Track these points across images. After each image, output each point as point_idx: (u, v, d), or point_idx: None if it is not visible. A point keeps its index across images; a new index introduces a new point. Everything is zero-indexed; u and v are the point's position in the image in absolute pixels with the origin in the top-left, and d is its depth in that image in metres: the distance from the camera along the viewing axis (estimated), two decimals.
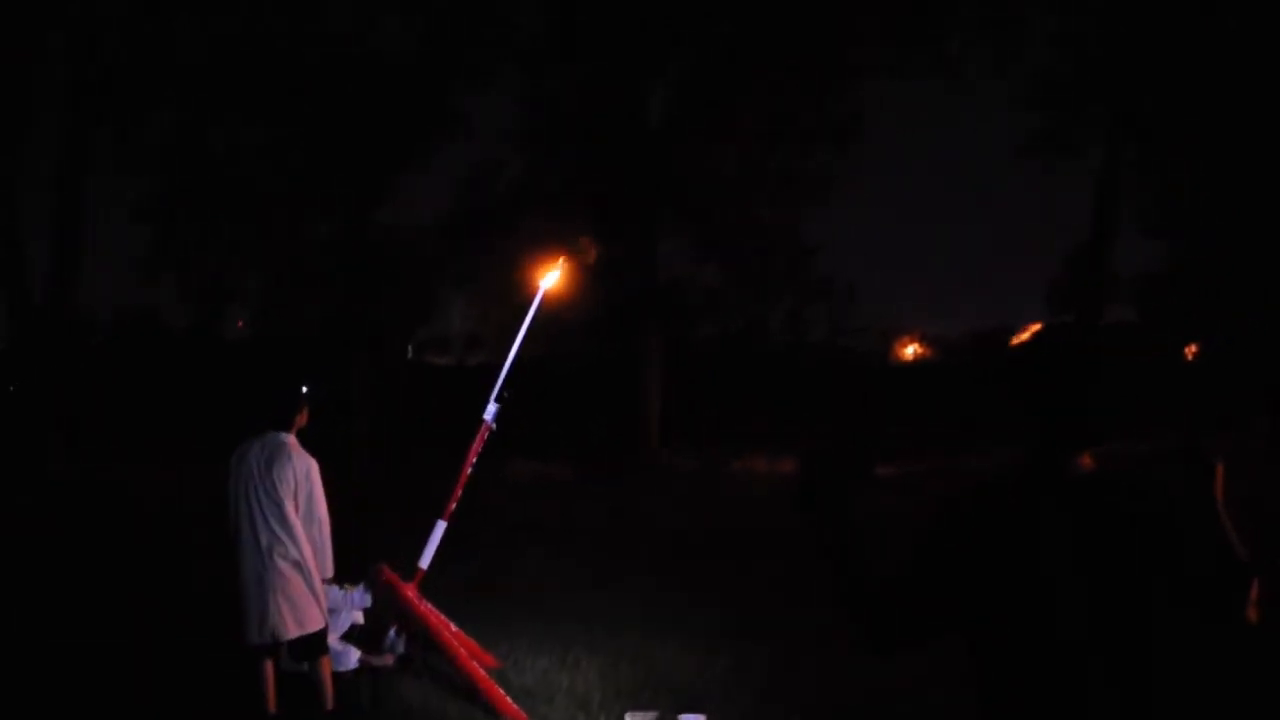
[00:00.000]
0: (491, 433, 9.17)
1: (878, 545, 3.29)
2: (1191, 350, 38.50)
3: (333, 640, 8.55)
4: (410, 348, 43.36)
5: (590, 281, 24.34)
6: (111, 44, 26.46)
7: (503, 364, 9.35)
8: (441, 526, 9.12)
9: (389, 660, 9.23)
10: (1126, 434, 3.16)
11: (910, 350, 60.00)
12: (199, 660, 9.33)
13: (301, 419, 8.08)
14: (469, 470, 9.14)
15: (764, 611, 11.10)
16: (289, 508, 7.76)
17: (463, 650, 8.89)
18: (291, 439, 7.96)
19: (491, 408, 9.12)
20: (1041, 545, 2.99)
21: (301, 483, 7.83)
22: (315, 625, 7.93)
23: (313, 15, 26.43)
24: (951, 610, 3.07)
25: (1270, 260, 29.91)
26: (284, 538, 7.75)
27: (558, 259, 9.98)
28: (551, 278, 9.76)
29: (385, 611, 9.23)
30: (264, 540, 7.74)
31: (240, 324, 37.05)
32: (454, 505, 9.14)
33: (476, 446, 9.11)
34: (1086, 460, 3.07)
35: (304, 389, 8.17)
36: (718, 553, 14.98)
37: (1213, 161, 29.08)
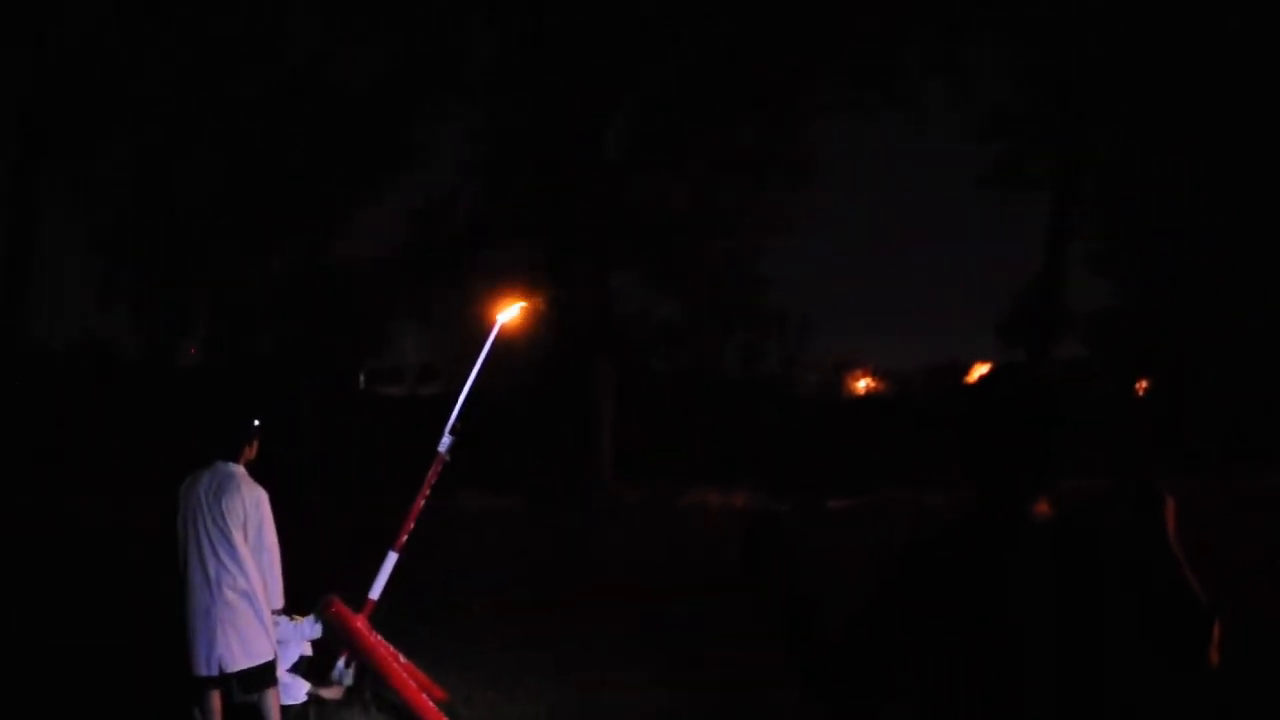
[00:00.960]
0: (445, 465, 9.15)
1: (830, 589, 3.29)
2: (1142, 386, 38.70)
3: (281, 672, 8.50)
4: (363, 378, 43.18)
5: (544, 313, 24.35)
6: (63, 76, 26.41)
7: (456, 395, 9.33)
8: (393, 558, 9.09)
9: (337, 692, 9.17)
10: (1079, 472, 3.16)
11: (862, 384, 60.11)
12: (145, 693, 9.24)
13: (251, 450, 8.06)
14: (422, 502, 9.11)
15: (716, 645, 11.08)
16: (238, 538, 7.72)
17: (412, 682, 8.85)
18: (241, 469, 7.93)
19: (445, 440, 9.10)
20: (1001, 597, 2.97)
21: (251, 513, 7.80)
22: (264, 657, 7.88)
23: (268, 48, 26.43)
24: (908, 667, 3.05)
25: (1222, 297, 30.16)
26: (232, 569, 7.71)
27: (517, 299, 10.00)
28: (509, 314, 9.76)
29: (335, 643, 9.18)
30: (212, 571, 7.69)
31: (193, 351, 36.84)
32: (405, 537, 9.10)
33: (430, 478, 9.09)
34: (1043, 505, 3.06)
35: (254, 420, 8.14)
36: (670, 586, 14.96)
37: (1164, 198, 29.36)
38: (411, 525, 9.12)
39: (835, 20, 25.18)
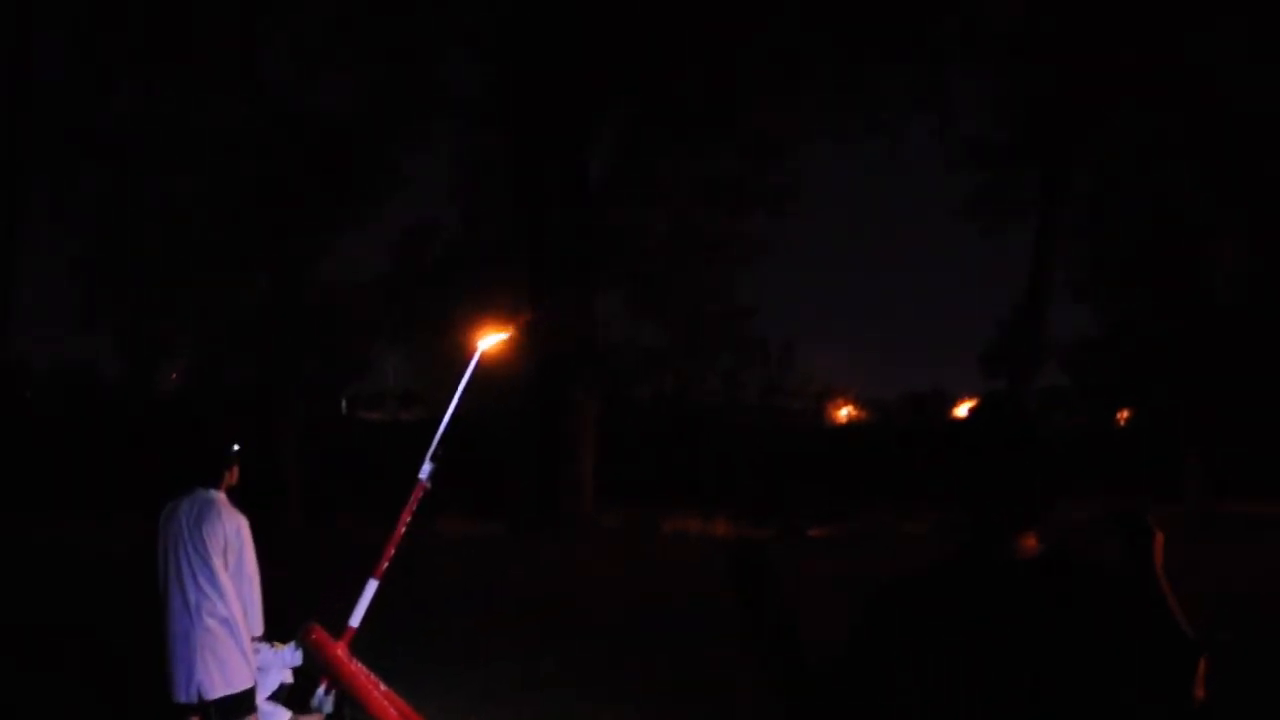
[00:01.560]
0: (427, 492, 9.10)
1: (811, 616, 3.27)
2: (1123, 416, 38.83)
3: (261, 700, 8.45)
4: (344, 403, 43.16)
5: (527, 340, 24.36)
6: (41, 102, 26.45)
7: (437, 421, 9.30)
8: (373, 585, 9.04)
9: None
10: (1065, 503, 3.14)
11: (844, 411, 60.20)
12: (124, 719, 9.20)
13: (232, 476, 8.01)
14: (403, 529, 9.07)
15: (698, 674, 11.05)
16: (218, 565, 7.68)
17: (393, 710, 8.80)
18: (221, 496, 7.88)
19: (426, 466, 9.05)
20: (988, 636, 2.94)
21: (231, 540, 7.75)
22: (243, 684, 7.84)
23: (249, 73, 26.44)
24: (891, 708, 3.02)
25: (1200, 327, 30.26)
26: (212, 595, 7.67)
27: (503, 325, 9.94)
28: (492, 340, 9.72)
29: (315, 670, 9.13)
30: (192, 598, 7.65)
31: (174, 376, 36.78)
32: (386, 563, 9.06)
33: (411, 506, 9.04)
34: (1031, 541, 3.03)
35: (234, 446, 8.10)
36: (651, 613, 14.95)
37: (1146, 227, 29.46)
38: (392, 552, 9.07)
39: (819, 41, 25.29)
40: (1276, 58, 26.74)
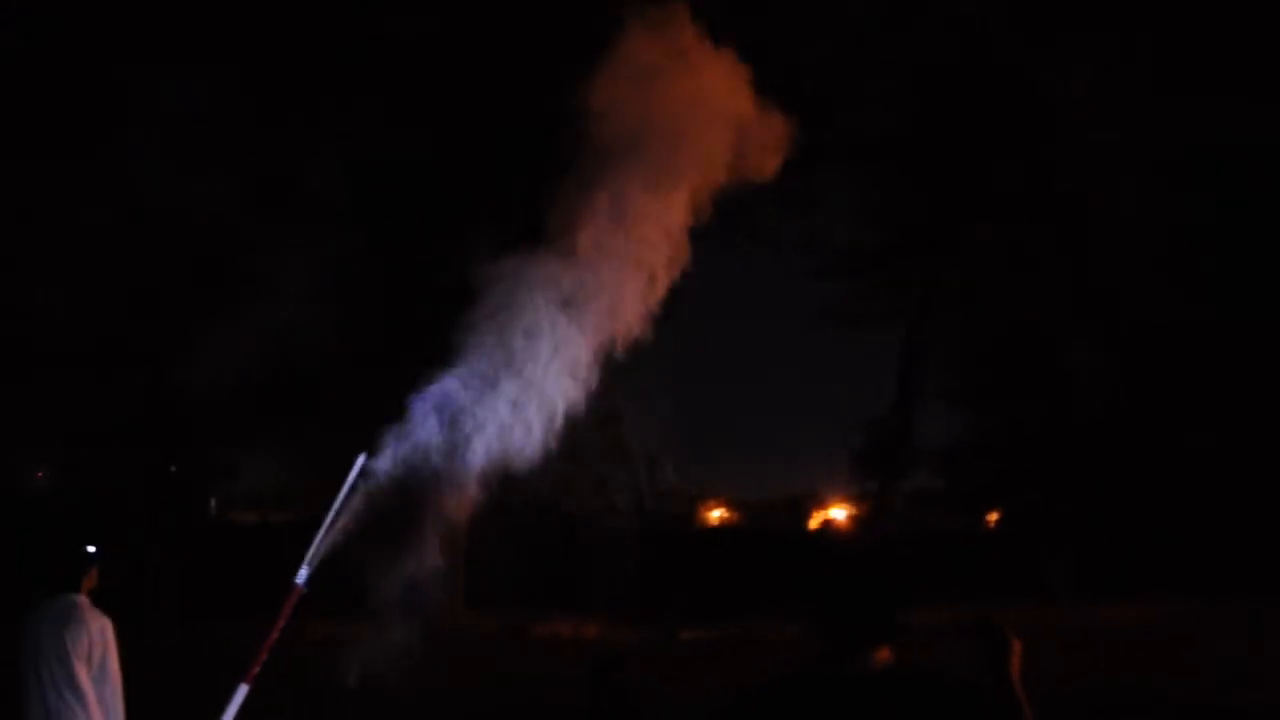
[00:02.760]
0: (302, 596, 9.01)
1: None
2: (993, 518, 39.20)
3: None
4: (213, 503, 42.50)
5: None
6: None
7: (310, 522, 9.22)
8: (243, 690, 8.92)
9: None
10: (927, 608, 3.21)
11: (716, 514, 60.07)
12: None
13: (90, 580, 7.93)
14: (276, 634, 8.96)
15: None
16: (80, 670, 7.59)
17: None
18: (83, 599, 7.81)
19: (303, 571, 8.96)
20: None
21: (95, 644, 7.67)
22: None
23: (107, 173, 26.09)
24: None
25: (1060, 433, 30.78)
26: (72, 702, 7.57)
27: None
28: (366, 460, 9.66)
29: None
30: (52, 703, 7.55)
31: (39, 475, 36.01)
32: (257, 669, 8.95)
33: (286, 610, 8.94)
34: (884, 653, 3.05)
35: (89, 548, 8.02)
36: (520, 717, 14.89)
37: (1013, 334, 29.97)
38: (264, 657, 8.96)
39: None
40: (1135, 167, 27.40)
